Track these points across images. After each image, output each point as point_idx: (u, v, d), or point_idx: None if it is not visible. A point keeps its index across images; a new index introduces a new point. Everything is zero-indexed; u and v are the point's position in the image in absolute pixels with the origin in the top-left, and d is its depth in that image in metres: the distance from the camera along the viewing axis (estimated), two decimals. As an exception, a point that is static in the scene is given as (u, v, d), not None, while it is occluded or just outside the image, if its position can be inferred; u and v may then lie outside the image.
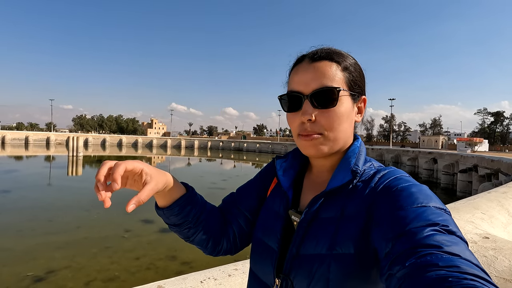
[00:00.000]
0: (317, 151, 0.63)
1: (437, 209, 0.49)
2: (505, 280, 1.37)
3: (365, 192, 0.58)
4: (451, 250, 0.41)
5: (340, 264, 0.54)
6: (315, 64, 0.62)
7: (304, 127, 0.62)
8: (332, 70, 0.62)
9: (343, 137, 0.64)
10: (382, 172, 0.61)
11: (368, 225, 0.55)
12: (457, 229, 0.46)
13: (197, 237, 0.71)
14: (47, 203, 12.31)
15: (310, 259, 0.58)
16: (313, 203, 0.61)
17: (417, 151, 30.61)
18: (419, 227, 0.45)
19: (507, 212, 2.64)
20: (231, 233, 0.75)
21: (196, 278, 1.14)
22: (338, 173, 0.63)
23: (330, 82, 0.61)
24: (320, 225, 0.60)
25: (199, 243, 0.73)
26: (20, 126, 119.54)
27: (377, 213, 0.53)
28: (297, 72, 0.64)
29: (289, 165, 0.74)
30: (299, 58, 0.67)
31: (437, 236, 0.43)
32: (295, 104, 0.63)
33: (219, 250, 0.75)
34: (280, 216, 0.68)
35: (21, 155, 37.69)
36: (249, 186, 0.81)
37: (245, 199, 0.78)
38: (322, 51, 0.64)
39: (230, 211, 0.77)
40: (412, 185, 0.54)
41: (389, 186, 0.56)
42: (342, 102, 0.61)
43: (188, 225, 0.68)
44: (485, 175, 16.07)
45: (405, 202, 0.50)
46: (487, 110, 71.53)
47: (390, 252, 0.46)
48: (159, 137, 79.72)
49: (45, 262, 6.59)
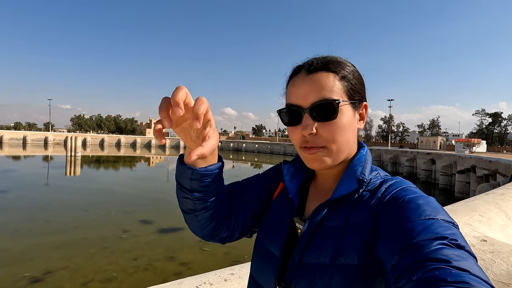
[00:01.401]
0: (321, 164, 0.61)
1: (445, 222, 0.47)
2: (502, 283, 1.37)
3: (371, 202, 0.57)
4: (460, 265, 0.40)
5: (343, 275, 0.53)
6: (312, 76, 0.61)
7: (305, 140, 0.61)
8: (330, 81, 0.60)
9: (347, 147, 0.63)
10: (389, 182, 0.60)
11: (373, 236, 0.53)
12: (466, 243, 0.45)
13: (205, 214, 0.65)
14: (44, 203, 12.25)
15: (312, 269, 0.57)
16: (317, 212, 0.61)
17: (415, 152, 30.66)
18: (427, 240, 0.44)
19: (505, 214, 2.64)
20: (233, 222, 0.71)
21: (192, 283, 1.13)
22: (344, 182, 0.61)
23: (329, 94, 0.59)
24: (324, 234, 0.58)
25: (201, 221, 0.67)
26: (18, 125, 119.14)
27: (383, 224, 0.52)
28: (294, 85, 0.63)
29: (296, 171, 0.72)
30: (295, 69, 0.65)
31: (445, 250, 0.42)
32: (295, 118, 0.62)
33: (215, 235, 0.70)
34: (284, 222, 0.66)
35: (19, 155, 37.54)
36: (258, 180, 0.78)
37: (255, 191, 0.75)
38: (318, 62, 0.62)
39: (239, 199, 0.73)
40: (419, 197, 0.53)
41: (395, 197, 0.55)
42: (342, 113, 0.60)
43: (205, 196, 0.63)
44: (483, 176, 16.12)
45: (412, 214, 0.49)
46: (485, 111, 71.80)
47: (396, 265, 0.45)
48: (158, 137, 79.31)
49: (42, 263, 6.55)
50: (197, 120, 0.47)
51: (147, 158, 41.60)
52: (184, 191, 0.63)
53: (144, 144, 69.46)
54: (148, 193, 15.27)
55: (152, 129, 0.45)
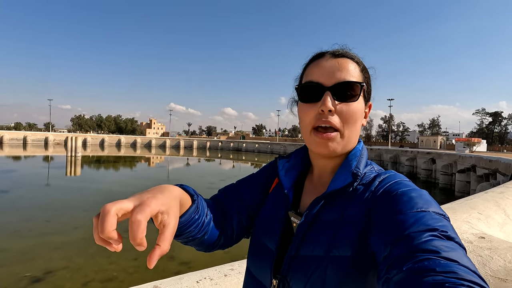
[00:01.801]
0: (330, 149, 0.62)
1: (436, 214, 0.49)
2: (500, 279, 1.38)
3: (365, 196, 0.59)
4: (449, 255, 0.41)
5: (337, 267, 0.55)
6: (338, 60, 0.63)
7: (321, 118, 0.61)
8: (353, 67, 0.63)
9: (354, 137, 0.64)
10: (382, 176, 0.61)
11: (367, 229, 0.55)
12: (455, 235, 0.46)
13: (197, 241, 0.65)
14: (45, 203, 12.26)
15: (307, 261, 0.58)
16: (313, 205, 0.61)
17: (415, 151, 30.65)
18: (418, 231, 0.45)
19: (504, 212, 2.65)
20: (229, 230, 0.72)
21: (192, 278, 1.14)
22: (339, 176, 0.63)
23: (352, 77, 0.62)
24: (319, 228, 0.59)
25: (196, 246, 0.68)
26: (18, 126, 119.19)
27: (377, 217, 0.53)
28: (318, 65, 0.64)
29: (291, 165, 0.73)
30: (319, 53, 0.67)
31: (435, 241, 0.43)
32: (313, 95, 0.62)
33: (215, 246, 0.71)
34: (280, 217, 0.67)
35: (19, 155, 37.54)
36: (253, 180, 0.78)
37: (250, 193, 0.75)
38: (343, 51, 0.65)
39: (232, 204, 0.73)
40: (412, 190, 0.54)
41: (389, 190, 0.56)
42: (359, 100, 0.62)
43: (189, 236, 0.62)
44: (483, 175, 16.11)
45: (405, 207, 0.50)
46: (485, 111, 71.74)
47: (388, 256, 0.46)
48: (158, 137, 79.56)
49: (43, 263, 6.56)
50: (140, 246, 0.41)
51: (148, 158, 41.61)
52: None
53: (144, 144, 69.44)
54: (148, 193, 15.26)
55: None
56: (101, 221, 0.40)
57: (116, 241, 0.41)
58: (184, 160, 41.53)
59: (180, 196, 0.54)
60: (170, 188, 0.51)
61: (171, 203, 0.47)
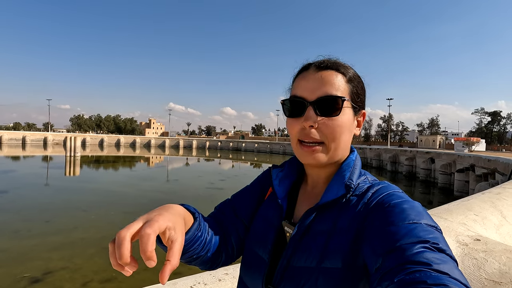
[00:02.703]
0: (316, 160, 0.62)
1: (428, 226, 0.49)
2: (494, 282, 1.39)
3: (358, 207, 0.59)
4: (440, 268, 0.41)
5: (327, 278, 0.55)
6: (321, 73, 0.63)
7: (305, 133, 0.62)
8: (337, 80, 0.62)
9: (343, 148, 0.64)
10: (375, 187, 0.61)
11: (359, 240, 0.55)
12: (447, 247, 0.46)
13: (199, 260, 0.66)
14: (44, 204, 12.25)
15: (299, 272, 0.58)
16: (306, 216, 0.62)
17: (414, 151, 30.67)
18: (410, 243, 0.46)
19: (500, 213, 2.66)
20: (230, 246, 0.72)
21: (186, 283, 1.14)
22: (332, 187, 0.63)
23: (335, 91, 0.61)
24: (312, 238, 0.60)
25: (199, 265, 0.69)
26: (17, 126, 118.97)
27: (369, 228, 0.54)
28: (303, 78, 0.64)
29: (285, 175, 0.73)
30: (305, 65, 0.67)
31: (426, 253, 0.44)
32: (297, 110, 0.63)
33: (218, 263, 0.72)
34: (273, 226, 0.67)
35: (18, 155, 37.50)
36: (247, 193, 0.79)
37: (244, 206, 0.75)
38: (329, 62, 0.65)
39: (229, 220, 0.74)
40: (405, 202, 0.54)
41: (382, 202, 0.56)
42: (344, 112, 0.62)
43: (194, 252, 0.63)
44: (482, 175, 16.15)
45: (397, 218, 0.50)
46: (484, 110, 71.74)
47: (380, 268, 0.46)
48: (157, 137, 79.51)
49: (42, 263, 6.57)
50: (150, 261, 0.42)
51: (147, 158, 41.58)
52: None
53: (143, 144, 69.35)
54: (147, 193, 15.28)
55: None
56: (118, 248, 0.42)
57: (132, 266, 0.43)
58: (184, 160, 41.50)
59: (183, 214, 0.56)
60: (173, 206, 0.54)
61: (177, 220, 0.50)
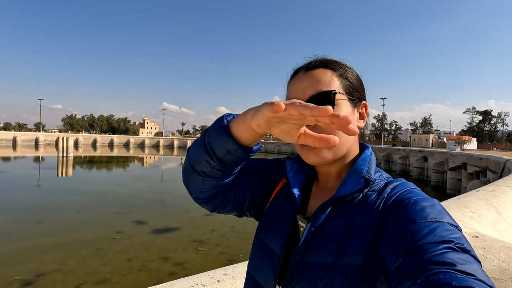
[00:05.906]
0: (321, 159, 0.61)
1: (450, 225, 0.48)
2: (494, 279, 1.39)
3: (377, 203, 0.57)
4: (465, 269, 0.40)
5: (346, 276, 0.53)
6: (310, 73, 0.63)
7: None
8: (327, 76, 0.62)
9: (346, 141, 0.62)
10: (393, 183, 0.60)
11: (378, 237, 0.53)
12: (471, 248, 0.45)
13: (214, 182, 0.63)
14: (36, 205, 12.04)
15: (314, 268, 0.56)
16: (322, 210, 0.60)
17: (408, 150, 31.03)
18: (432, 243, 0.44)
19: (496, 210, 2.68)
20: (230, 195, 0.69)
21: (184, 284, 1.11)
22: (350, 180, 0.61)
23: (326, 87, 0.60)
24: (327, 233, 0.58)
25: (205, 186, 0.64)
26: (8, 126, 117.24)
27: (388, 226, 0.52)
28: (294, 83, 0.65)
29: (299, 168, 0.71)
30: (295, 70, 0.67)
31: (451, 254, 0.42)
32: None
33: (209, 201, 0.68)
34: (286, 220, 0.65)
35: (9, 156, 36.89)
36: (266, 165, 0.77)
37: (261, 174, 0.74)
38: (317, 61, 0.65)
39: (245, 175, 0.71)
40: (424, 199, 0.53)
41: (401, 199, 0.55)
42: (340, 107, 0.60)
43: (228, 169, 0.60)
44: (474, 173, 16.40)
45: (418, 216, 0.49)
46: (476, 109, 73.07)
47: (400, 267, 0.45)
48: (152, 137, 79.10)
49: (34, 266, 6.45)
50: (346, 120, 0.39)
51: (141, 158, 41.27)
52: (211, 156, 0.57)
53: (137, 144, 68.86)
54: (141, 193, 15.15)
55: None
56: (304, 106, 0.40)
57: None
58: (178, 160, 41.29)
59: None
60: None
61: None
